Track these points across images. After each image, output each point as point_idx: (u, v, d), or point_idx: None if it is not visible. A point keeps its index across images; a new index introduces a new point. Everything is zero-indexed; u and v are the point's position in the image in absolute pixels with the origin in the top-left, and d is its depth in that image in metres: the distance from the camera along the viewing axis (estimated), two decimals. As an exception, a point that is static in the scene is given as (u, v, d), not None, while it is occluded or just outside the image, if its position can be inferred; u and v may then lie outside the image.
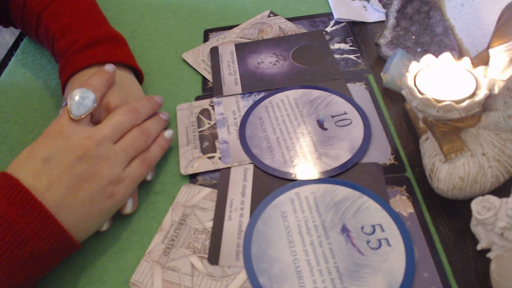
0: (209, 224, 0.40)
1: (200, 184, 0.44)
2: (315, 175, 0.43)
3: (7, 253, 0.33)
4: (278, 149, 0.46)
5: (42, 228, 0.34)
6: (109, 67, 0.46)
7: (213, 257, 0.38)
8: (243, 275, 0.37)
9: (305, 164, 0.44)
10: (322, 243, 0.38)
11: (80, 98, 0.41)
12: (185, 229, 0.40)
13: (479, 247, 0.36)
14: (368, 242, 0.38)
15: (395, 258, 0.37)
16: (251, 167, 0.45)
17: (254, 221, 0.40)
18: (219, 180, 0.44)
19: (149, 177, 0.43)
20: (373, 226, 0.39)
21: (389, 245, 0.38)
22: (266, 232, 0.39)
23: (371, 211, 0.40)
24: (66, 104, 0.41)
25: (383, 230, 0.38)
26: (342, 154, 0.44)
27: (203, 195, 0.43)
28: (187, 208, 0.42)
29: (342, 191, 0.42)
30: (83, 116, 0.40)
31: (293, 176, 0.43)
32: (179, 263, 0.38)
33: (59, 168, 0.36)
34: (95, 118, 0.44)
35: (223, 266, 0.38)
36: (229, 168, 0.45)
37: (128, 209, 0.41)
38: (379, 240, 0.38)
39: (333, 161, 0.44)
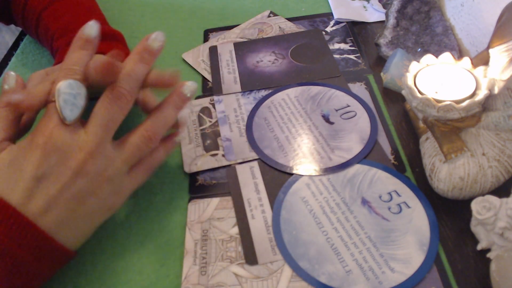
0: (233, 231, 0.40)
1: (200, 184, 0.44)
2: (332, 170, 0.43)
3: None
4: (290, 148, 0.46)
5: (21, 236, 0.31)
6: (89, 30, 0.38)
7: (251, 258, 0.38)
8: (288, 266, 0.37)
9: (320, 160, 0.44)
10: (348, 218, 0.39)
11: (71, 96, 0.34)
12: (212, 243, 0.39)
13: (479, 247, 0.36)
14: (389, 208, 0.40)
15: (417, 217, 0.39)
16: (255, 164, 0.45)
17: (277, 212, 0.40)
18: (229, 186, 0.43)
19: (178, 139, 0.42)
20: (389, 193, 0.41)
21: (409, 207, 0.40)
22: (293, 219, 0.40)
23: (383, 180, 0.42)
24: (54, 102, 0.34)
25: (399, 195, 0.41)
26: (353, 146, 0.45)
27: (214, 206, 0.42)
28: (204, 223, 0.41)
29: (352, 168, 0.43)
30: (76, 119, 0.35)
31: (310, 173, 0.43)
32: (222, 277, 0.37)
33: (55, 187, 0.33)
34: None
35: (265, 264, 0.37)
36: (234, 171, 0.44)
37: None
38: (399, 205, 0.40)
39: (347, 153, 0.45)
